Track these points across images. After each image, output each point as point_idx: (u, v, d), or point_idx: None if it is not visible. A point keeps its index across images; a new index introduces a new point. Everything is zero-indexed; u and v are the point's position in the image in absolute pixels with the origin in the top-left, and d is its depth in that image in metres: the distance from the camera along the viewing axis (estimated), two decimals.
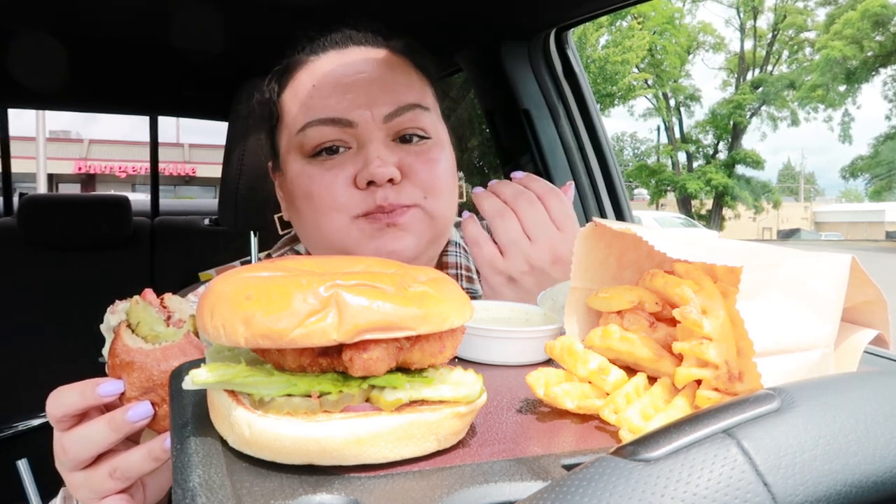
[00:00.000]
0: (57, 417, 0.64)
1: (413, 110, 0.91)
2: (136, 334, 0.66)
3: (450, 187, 0.94)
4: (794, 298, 0.43)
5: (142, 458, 0.63)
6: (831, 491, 0.27)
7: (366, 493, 0.36)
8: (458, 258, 1.04)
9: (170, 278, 2.57)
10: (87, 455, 0.64)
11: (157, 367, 0.63)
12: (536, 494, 0.27)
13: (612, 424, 0.45)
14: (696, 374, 0.46)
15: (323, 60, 0.96)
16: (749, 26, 28.04)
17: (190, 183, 23.83)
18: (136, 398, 0.64)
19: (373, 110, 0.89)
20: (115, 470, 0.63)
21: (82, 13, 1.69)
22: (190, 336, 0.65)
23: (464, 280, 1.02)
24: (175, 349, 0.64)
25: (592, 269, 0.58)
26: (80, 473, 0.65)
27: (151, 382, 0.63)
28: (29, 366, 2.26)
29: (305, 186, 0.91)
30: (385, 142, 0.90)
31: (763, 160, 27.92)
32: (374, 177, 0.86)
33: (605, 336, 0.53)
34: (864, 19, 22.16)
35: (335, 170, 0.89)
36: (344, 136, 0.90)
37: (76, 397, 0.64)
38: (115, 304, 0.69)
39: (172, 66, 2.21)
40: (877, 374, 0.34)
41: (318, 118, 0.90)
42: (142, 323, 0.66)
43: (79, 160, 22.90)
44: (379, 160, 0.86)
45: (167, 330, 0.67)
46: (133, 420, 0.62)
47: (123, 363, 0.64)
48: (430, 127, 0.94)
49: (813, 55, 26.16)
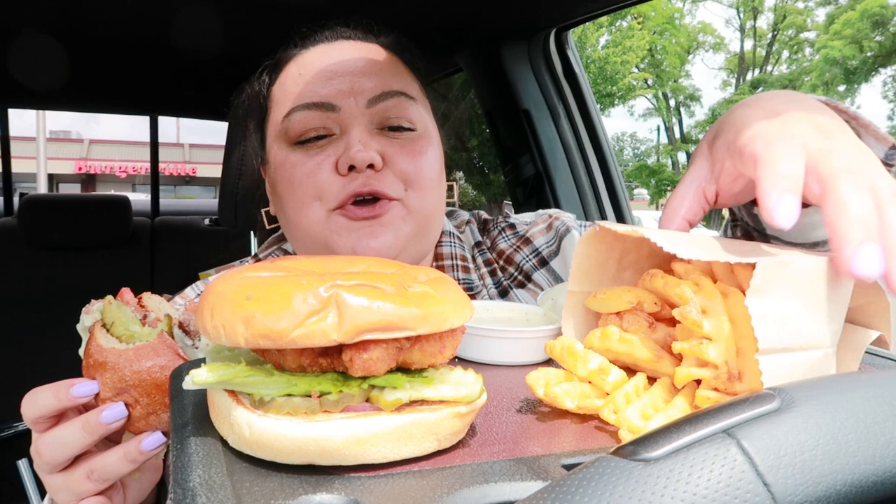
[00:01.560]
0: (32, 419, 0.63)
1: (397, 97, 0.91)
2: (110, 334, 0.64)
3: (434, 181, 0.93)
4: (800, 297, 0.43)
5: (118, 459, 0.62)
6: (831, 491, 0.27)
7: (366, 493, 0.36)
8: (452, 248, 1.03)
9: (170, 278, 2.57)
10: (62, 458, 0.62)
11: (129, 367, 0.62)
12: (536, 494, 0.27)
13: (612, 424, 0.45)
14: (695, 374, 0.46)
15: (311, 53, 0.96)
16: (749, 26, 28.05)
17: (190, 183, 23.84)
18: (110, 399, 0.62)
19: (356, 97, 0.89)
20: (92, 471, 0.62)
21: (82, 13, 1.69)
22: (163, 335, 0.64)
23: (459, 270, 1.01)
24: (148, 349, 0.62)
25: (592, 271, 0.58)
26: (58, 475, 0.63)
27: (124, 383, 0.62)
28: (29, 365, 2.26)
29: (287, 173, 0.90)
30: (368, 128, 0.89)
31: None
32: (355, 161, 0.85)
33: (604, 337, 0.53)
34: (863, 19, 22.17)
35: (318, 156, 0.88)
36: (327, 122, 0.89)
37: (50, 399, 0.62)
38: (91, 303, 0.68)
39: (172, 66, 2.21)
40: (877, 374, 0.34)
41: (303, 103, 0.90)
42: (116, 322, 0.65)
43: (79, 160, 22.92)
44: (360, 144, 0.86)
45: (142, 329, 0.65)
46: (107, 421, 0.61)
47: (97, 363, 0.62)
48: (417, 118, 0.93)
49: (813, 55, 26.16)
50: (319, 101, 0.89)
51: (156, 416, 0.63)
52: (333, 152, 0.88)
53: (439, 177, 0.95)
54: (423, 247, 0.96)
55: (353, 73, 0.91)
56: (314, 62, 0.93)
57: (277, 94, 0.96)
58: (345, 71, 0.91)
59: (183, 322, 0.68)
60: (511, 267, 1.06)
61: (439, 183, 0.95)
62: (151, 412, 0.63)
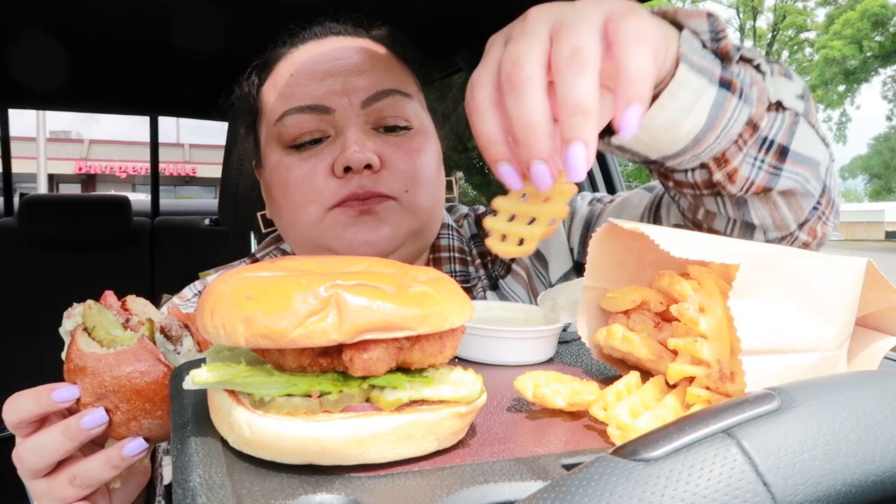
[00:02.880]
0: (14, 424, 0.62)
1: (392, 96, 0.89)
2: (92, 338, 0.63)
3: (433, 179, 0.92)
4: (794, 300, 0.43)
5: (100, 465, 0.62)
6: (831, 491, 0.27)
7: (366, 493, 0.36)
8: (450, 241, 1.02)
9: (170, 278, 2.57)
10: (43, 464, 0.62)
11: (108, 372, 0.61)
12: (536, 494, 0.27)
13: (601, 421, 0.45)
14: (687, 371, 0.46)
15: (301, 51, 0.94)
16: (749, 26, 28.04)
17: (190, 183, 23.83)
18: (90, 404, 0.61)
19: (350, 97, 0.88)
20: (74, 477, 0.62)
21: (82, 13, 1.69)
22: (143, 340, 0.62)
23: (456, 263, 1.01)
24: (128, 354, 0.61)
25: (608, 269, 0.58)
26: (41, 481, 0.63)
27: (104, 388, 0.61)
28: (29, 366, 2.26)
29: (283, 177, 0.89)
30: (364, 128, 0.88)
31: None
32: (351, 162, 0.84)
33: (608, 336, 0.53)
34: (863, 19, 22.16)
35: (313, 160, 0.87)
36: (322, 125, 0.88)
37: (31, 404, 0.61)
38: (73, 306, 0.67)
39: (172, 66, 2.21)
40: (877, 374, 0.33)
41: (296, 106, 0.88)
42: (97, 327, 0.64)
43: (79, 160, 22.91)
44: (356, 145, 0.84)
45: (124, 334, 0.64)
46: (87, 427, 0.60)
47: (77, 368, 0.61)
48: (413, 116, 0.91)
49: (813, 55, 26.15)
50: (312, 103, 0.88)
51: (136, 423, 0.62)
52: (329, 154, 0.87)
53: (437, 173, 0.94)
54: (423, 242, 0.95)
55: (345, 72, 0.89)
56: (304, 61, 0.92)
57: (268, 94, 0.94)
58: (337, 70, 0.89)
59: (165, 327, 0.67)
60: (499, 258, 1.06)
61: (437, 179, 0.94)
62: (132, 418, 0.62)
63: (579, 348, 0.70)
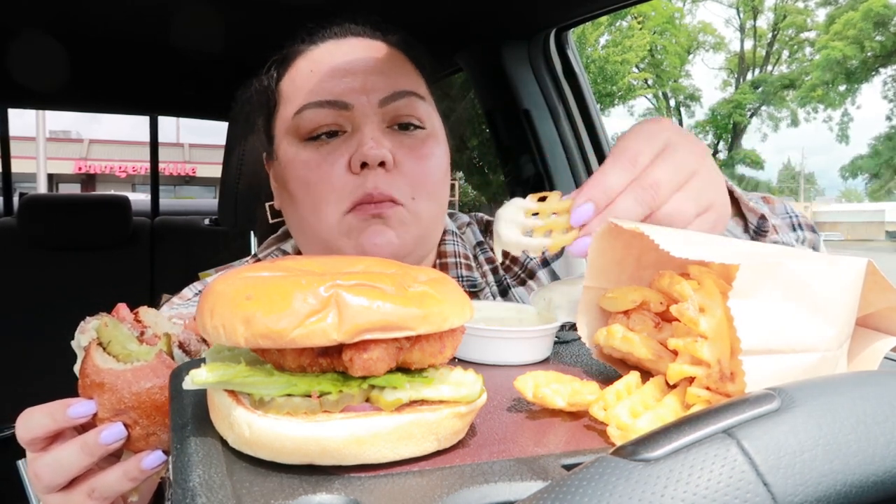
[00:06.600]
0: (27, 440, 0.62)
1: (408, 97, 0.91)
2: (107, 353, 0.63)
3: (439, 185, 0.94)
4: (793, 300, 0.43)
5: (118, 478, 0.62)
6: (831, 491, 0.27)
7: (366, 493, 0.36)
8: (455, 246, 1.04)
9: (170, 278, 2.57)
10: (61, 479, 0.61)
11: (128, 388, 0.60)
12: (536, 494, 0.27)
13: (602, 421, 0.45)
14: (687, 371, 0.46)
15: (321, 49, 0.96)
16: (749, 26, 28.04)
17: (190, 183, 23.82)
18: (108, 419, 0.61)
19: (369, 95, 0.90)
20: (93, 490, 0.62)
21: (82, 13, 1.69)
22: (162, 356, 0.62)
23: (462, 268, 1.02)
24: (147, 370, 0.61)
25: (608, 268, 0.58)
26: (56, 495, 0.62)
27: (123, 404, 0.60)
28: (29, 366, 2.26)
29: (301, 172, 0.91)
30: (380, 126, 0.90)
31: (763, 160, 27.96)
32: (367, 157, 0.86)
33: (608, 336, 0.53)
34: (866, 19, 22.14)
35: (331, 155, 0.89)
36: (339, 120, 0.90)
37: (46, 420, 0.61)
38: (86, 320, 0.66)
39: (172, 66, 2.21)
40: (877, 374, 0.33)
41: (315, 101, 0.90)
42: (113, 342, 0.64)
43: (79, 160, 22.90)
44: (373, 141, 0.86)
45: (140, 348, 0.64)
46: (106, 443, 0.60)
47: (94, 384, 0.61)
48: (426, 117, 0.93)
49: (813, 55, 26.15)
50: (332, 98, 0.90)
51: (156, 437, 0.62)
52: (346, 150, 0.89)
53: (445, 178, 0.96)
54: (427, 247, 0.97)
55: (364, 71, 0.91)
56: (325, 59, 0.94)
57: (287, 89, 0.96)
58: (356, 69, 0.91)
59: (183, 342, 0.67)
60: (516, 266, 1.07)
61: (444, 184, 0.96)
62: (151, 433, 0.62)
63: (579, 348, 0.70)
